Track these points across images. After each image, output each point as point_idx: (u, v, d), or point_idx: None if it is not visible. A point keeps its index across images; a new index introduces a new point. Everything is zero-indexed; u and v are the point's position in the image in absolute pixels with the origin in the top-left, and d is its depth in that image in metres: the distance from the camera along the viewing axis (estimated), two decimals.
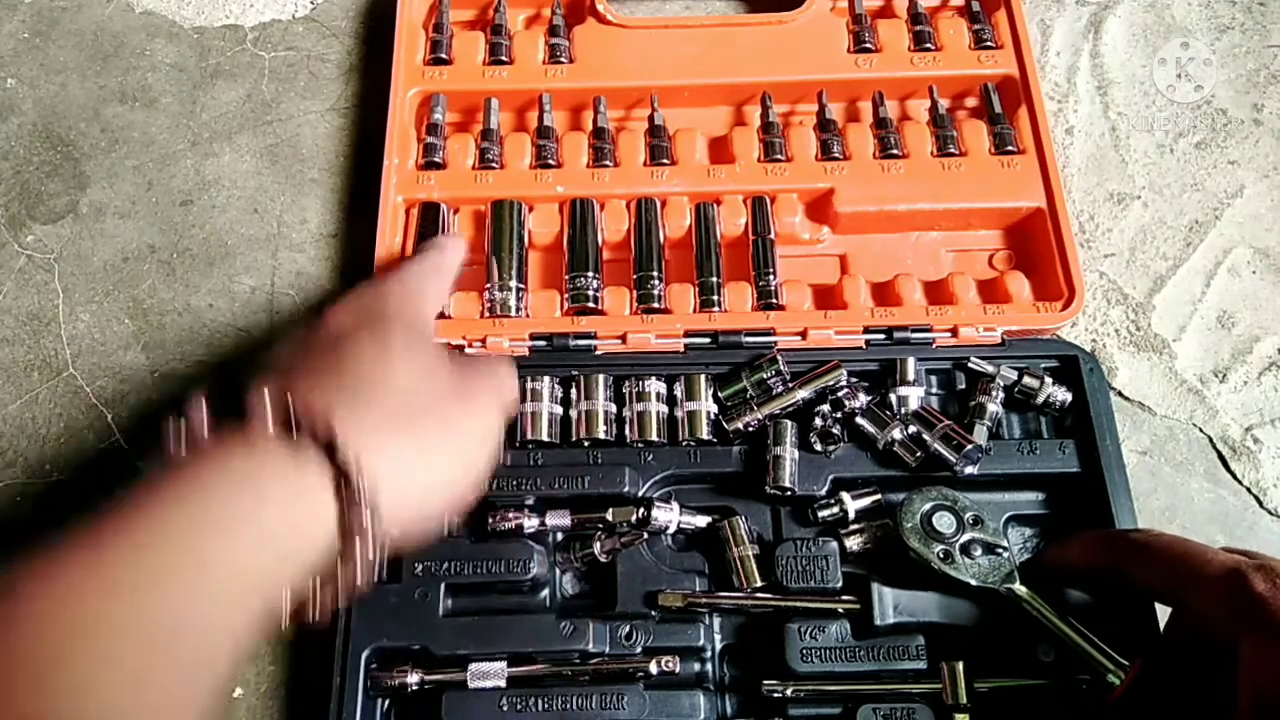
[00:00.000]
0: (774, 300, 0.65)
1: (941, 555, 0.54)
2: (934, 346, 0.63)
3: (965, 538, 0.54)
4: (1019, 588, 0.53)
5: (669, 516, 0.57)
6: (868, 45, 0.72)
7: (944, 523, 0.55)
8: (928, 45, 0.72)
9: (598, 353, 0.64)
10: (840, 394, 0.61)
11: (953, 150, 0.69)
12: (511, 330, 0.64)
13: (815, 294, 0.67)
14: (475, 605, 0.57)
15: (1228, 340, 0.68)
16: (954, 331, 0.63)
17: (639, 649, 0.55)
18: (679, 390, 0.62)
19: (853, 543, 0.58)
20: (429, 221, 0.67)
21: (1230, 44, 0.77)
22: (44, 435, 0.65)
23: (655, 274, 0.66)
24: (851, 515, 0.58)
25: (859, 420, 0.60)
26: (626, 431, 0.62)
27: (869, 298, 0.66)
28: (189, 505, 0.39)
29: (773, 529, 0.60)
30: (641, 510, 0.57)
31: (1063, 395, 0.61)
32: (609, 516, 0.57)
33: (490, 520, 0.58)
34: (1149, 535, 0.51)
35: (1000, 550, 0.54)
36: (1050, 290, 0.65)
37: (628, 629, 0.55)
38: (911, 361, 0.62)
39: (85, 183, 0.73)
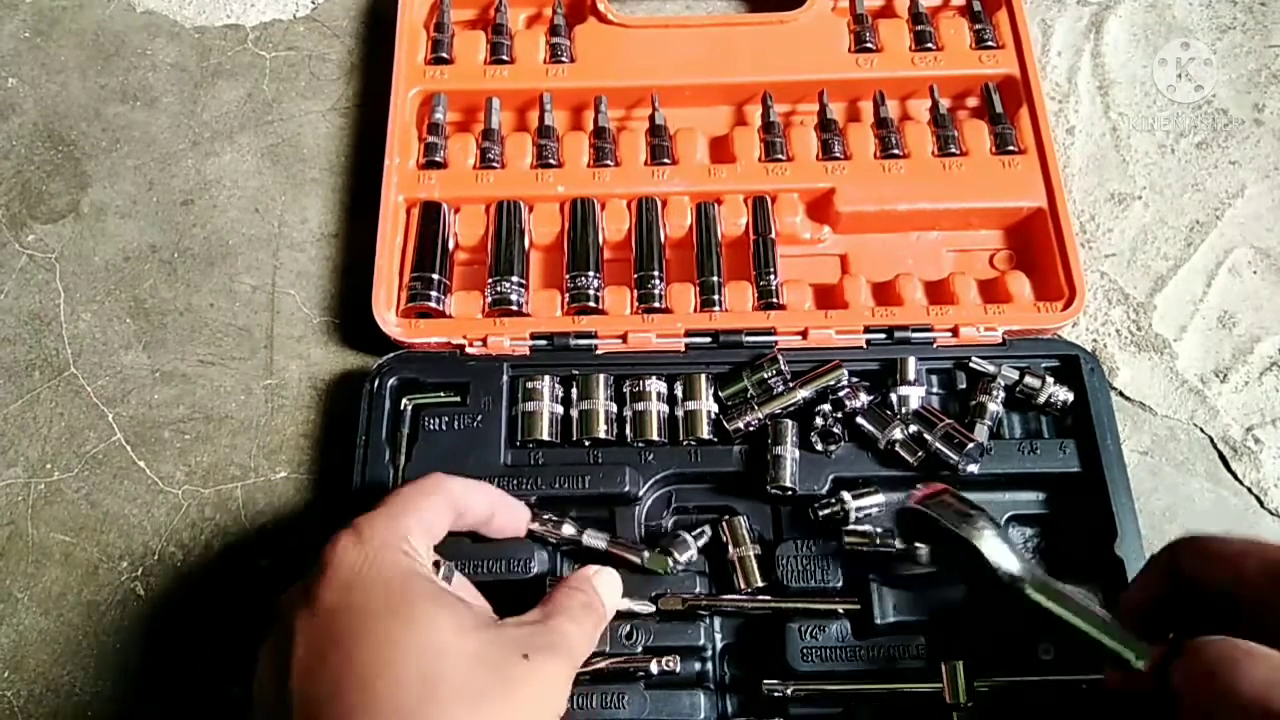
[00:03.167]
0: (775, 300, 0.65)
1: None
2: (935, 346, 0.63)
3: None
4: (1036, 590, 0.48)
5: (688, 554, 0.57)
6: (868, 45, 0.72)
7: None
8: (929, 45, 0.72)
9: (598, 352, 0.64)
10: (841, 394, 0.61)
11: (953, 150, 0.69)
12: (512, 330, 0.64)
13: (816, 294, 0.67)
14: None
15: (1229, 340, 0.68)
16: (955, 331, 0.63)
17: (639, 648, 0.55)
18: (679, 390, 0.62)
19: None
20: (430, 221, 0.67)
21: (1231, 44, 0.77)
22: (45, 434, 0.65)
23: (656, 273, 0.66)
24: (852, 515, 0.58)
25: (860, 420, 0.60)
26: (627, 431, 0.62)
27: (870, 297, 0.66)
28: None
29: (773, 529, 0.60)
30: (672, 561, 0.56)
31: (1064, 395, 0.61)
32: (644, 562, 0.56)
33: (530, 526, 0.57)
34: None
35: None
36: (1051, 290, 0.65)
37: (628, 628, 0.55)
38: (912, 361, 0.62)
39: (86, 182, 0.73)
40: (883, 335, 0.64)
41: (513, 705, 0.41)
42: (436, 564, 0.47)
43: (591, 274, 0.65)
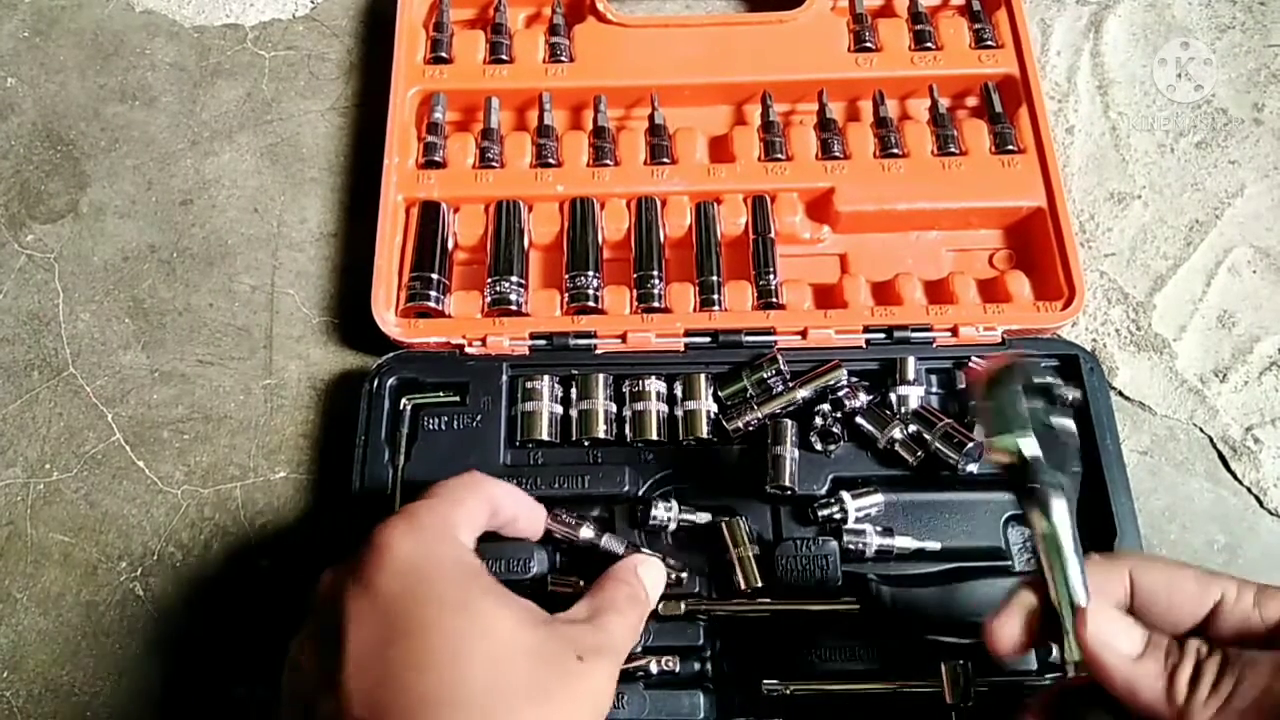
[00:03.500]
0: (774, 299, 0.65)
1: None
2: (934, 346, 0.63)
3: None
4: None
5: (668, 514, 0.57)
6: (868, 44, 0.72)
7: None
8: (928, 44, 0.72)
9: (598, 352, 0.64)
10: (840, 393, 0.61)
11: (953, 149, 0.69)
12: (511, 329, 0.64)
13: (815, 293, 0.67)
14: None
15: (1228, 340, 0.68)
16: (954, 331, 0.63)
17: (639, 648, 0.55)
18: (679, 389, 0.62)
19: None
20: (429, 221, 0.67)
21: (1231, 43, 0.77)
22: (44, 434, 0.65)
23: (655, 273, 0.66)
24: (851, 515, 0.58)
25: (859, 420, 0.60)
26: (626, 431, 0.62)
27: (869, 297, 0.66)
28: None
29: (773, 529, 0.59)
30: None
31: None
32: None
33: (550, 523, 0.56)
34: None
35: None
36: (1050, 290, 0.65)
37: None
38: (911, 361, 0.62)
39: (85, 182, 0.73)
40: (882, 335, 0.64)
41: (572, 703, 0.41)
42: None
43: (591, 274, 0.65)
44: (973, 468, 0.58)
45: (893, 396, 0.62)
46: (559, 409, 0.62)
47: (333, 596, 0.43)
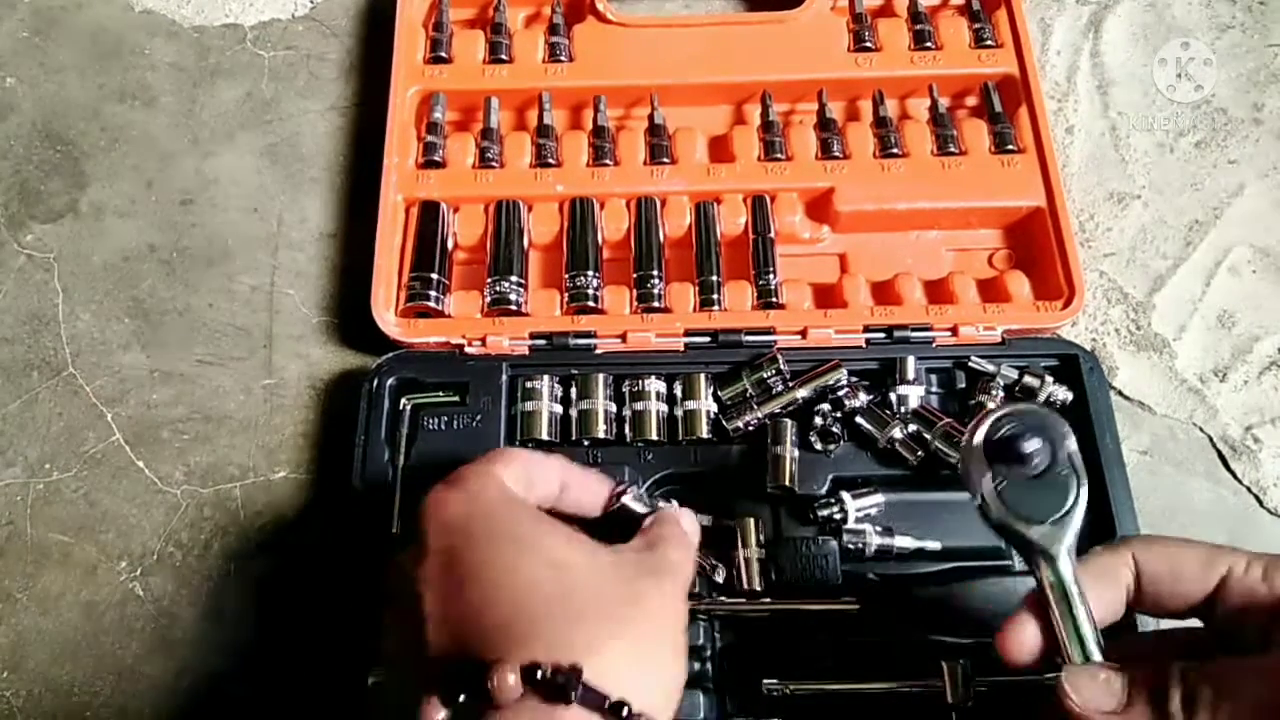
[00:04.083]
0: (774, 299, 0.65)
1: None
2: (934, 345, 0.63)
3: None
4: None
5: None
6: (868, 44, 0.72)
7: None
8: (928, 44, 0.72)
9: (597, 352, 0.64)
10: (840, 393, 0.61)
11: (953, 149, 0.69)
12: (511, 329, 0.64)
13: (815, 293, 0.67)
14: None
15: (1228, 339, 0.68)
16: (954, 330, 0.63)
17: None
18: (678, 389, 0.62)
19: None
20: (429, 220, 0.67)
21: (1230, 43, 0.77)
22: (44, 434, 0.65)
23: (655, 273, 0.66)
24: (851, 515, 0.58)
25: (859, 419, 0.60)
26: (626, 431, 0.62)
27: (869, 297, 0.66)
28: None
29: (773, 528, 0.59)
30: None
31: (1063, 394, 0.61)
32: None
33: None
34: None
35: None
36: (1050, 289, 0.65)
37: None
38: (911, 360, 0.62)
39: (85, 182, 0.73)
40: (882, 335, 0.64)
41: (647, 615, 0.41)
42: None
43: (591, 273, 0.65)
44: None
45: (893, 396, 0.62)
46: (559, 409, 0.62)
47: (400, 569, 0.44)
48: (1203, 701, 0.37)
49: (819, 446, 0.60)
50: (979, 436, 0.44)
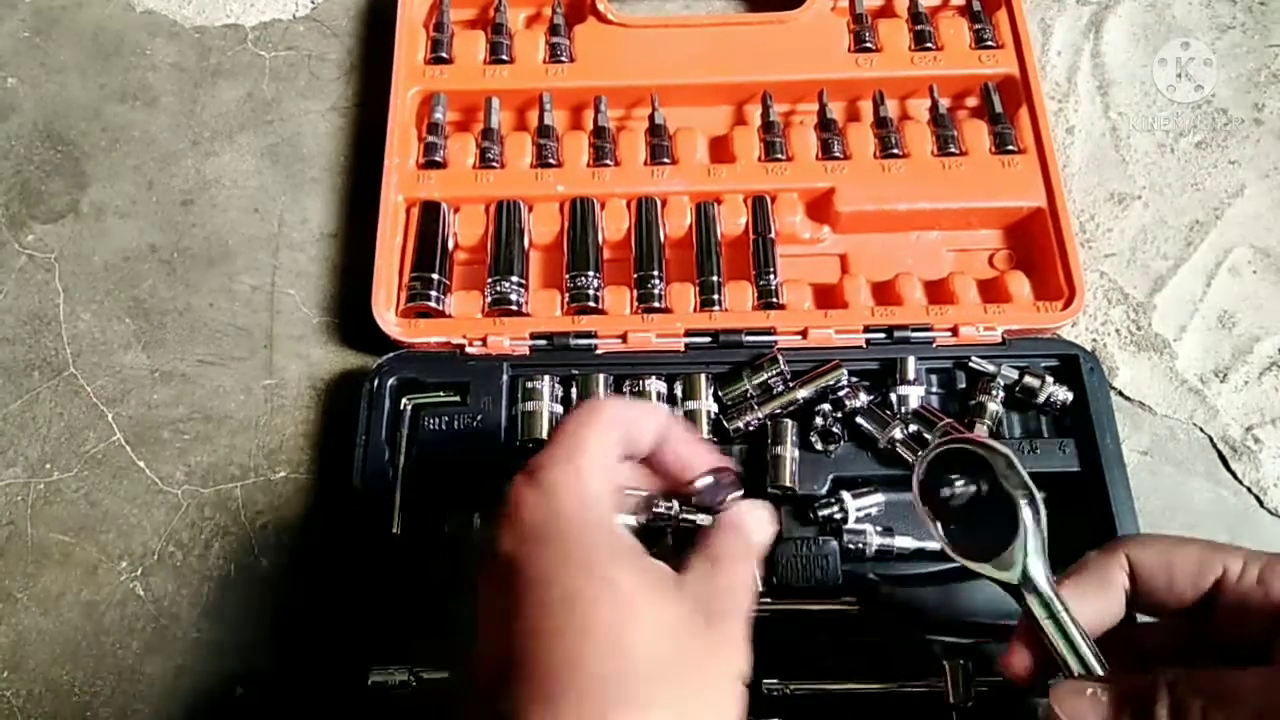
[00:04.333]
0: (774, 299, 0.65)
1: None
2: (934, 346, 0.63)
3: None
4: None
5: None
6: (868, 45, 0.72)
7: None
8: (928, 45, 0.72)
9: (598, 352, 0.64)
10: (841, 393, 0.61)
11: (953, 150, 0.69)
12: (512, 329, 0.64)
13: (816, 293, 0.67)
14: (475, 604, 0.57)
15: (1228, 340, 0.68)
16: (954, 331, 0.63)
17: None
18: (679, 390, 0.62)
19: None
20: (429, 221, 0.67)
21: (1231, 43, 0.77)
22: (45, 435, 0.65)
23: (656, 273, 0.66)
24: (851, 515, 0.58)
25: (859, 420, 0.60)
26: None
27: (869, 297, 0.66)
28: None
29: None
30: None
31: (1063, 395, 0.61)
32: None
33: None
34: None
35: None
36: (1051, 290, 0.65)
37: None
38: (912, 361, 0.62)
39: (86, 182, 0.73)
40: (882, 335, 0.64)
41: (704, 675, 0.38)
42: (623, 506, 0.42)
43: (591, 274, 0.65)
44: None
45: (893, 396, 0.62)
46: (559, 409, 0.62)
47: (483, 550, 0.41)
48: (1190, 712, 0.36)
49: (819, 447, 0.60)
50: (915, 488, 0.43)
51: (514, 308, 0.65)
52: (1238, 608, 0.39)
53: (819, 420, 0.60)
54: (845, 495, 0.58)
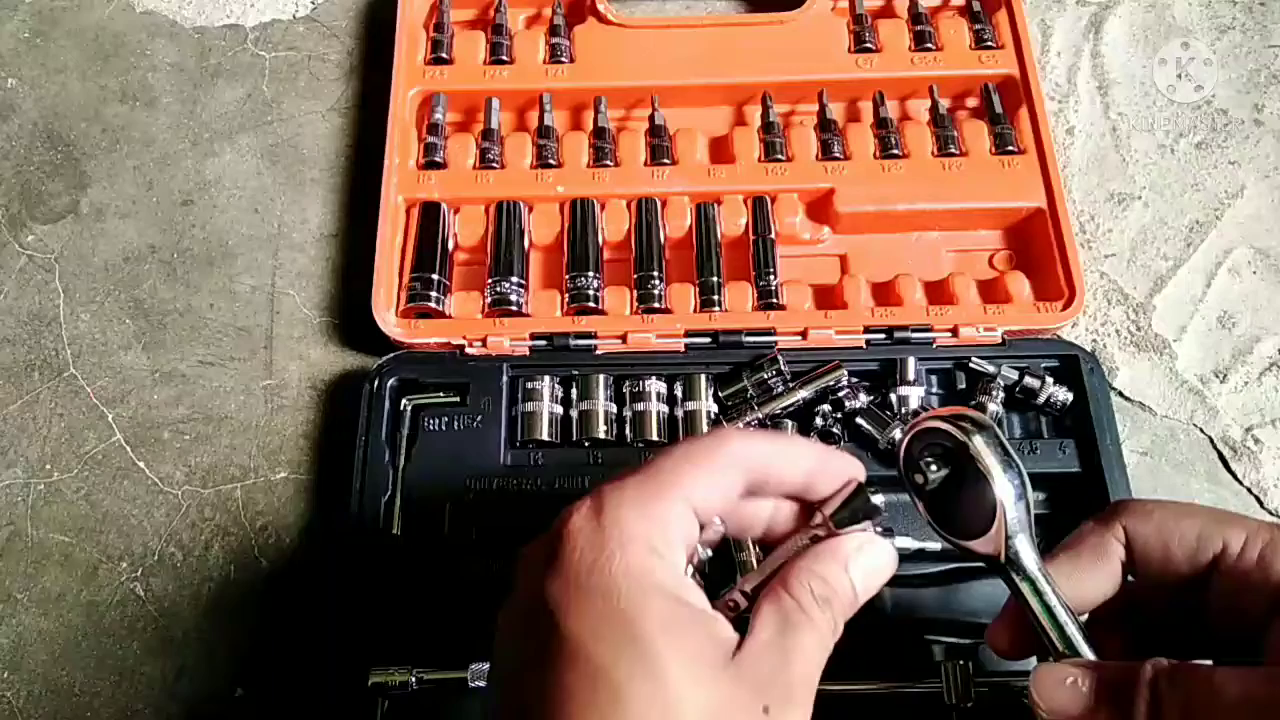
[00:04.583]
0: (774, 300, 0.65)
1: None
2: (934, 346, 0.63)
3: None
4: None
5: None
6: (868, 45, 0.72)
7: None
8: (928, 45, 0.72)
9: (598, 352, 0.64)
10: (841, 394, 0.61)
11: (953, 150, 0.69)
12: (512, 330, 0.64)
13: (816, 294, 0.67)
14: (476, 604, 0.57)
15: (1228, 340, 0.68)
16: (954, 331, 0.63)
17: None
18: (679, 390, 0.62)
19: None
20: (429, 221, 0.67)
21: (1231, 44, 0.77)
22: (45, 435, 0.65)
23: (656, 274, 0.66)
24: None
25: (859, 420, 0.60)
26: (627, 431, 0.62)
27: (869, 298, 0.66)
28: None
29: None
30: None
31: (1063, 395, 0.61)
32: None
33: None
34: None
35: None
36: (1051, 290, 0.65)
37: None
38: (912, 361, 0.62)
39: (86, 182, 0.73)
40: (882, 335, 0.64)
41: None
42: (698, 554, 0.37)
43: (591, 274, 0.65)
44: None
45: (893, 397, 0.62)
46: (559, 409, 0.62)
47: (515, 576, 0.36)
48: (1169, 712, 0.34)
49: None
50: (900, 467, 0.42)
51: (514, 308, 0.65)
52: (1235, 586, 0.38)
53: (819, 421, 0.60)
54: None
